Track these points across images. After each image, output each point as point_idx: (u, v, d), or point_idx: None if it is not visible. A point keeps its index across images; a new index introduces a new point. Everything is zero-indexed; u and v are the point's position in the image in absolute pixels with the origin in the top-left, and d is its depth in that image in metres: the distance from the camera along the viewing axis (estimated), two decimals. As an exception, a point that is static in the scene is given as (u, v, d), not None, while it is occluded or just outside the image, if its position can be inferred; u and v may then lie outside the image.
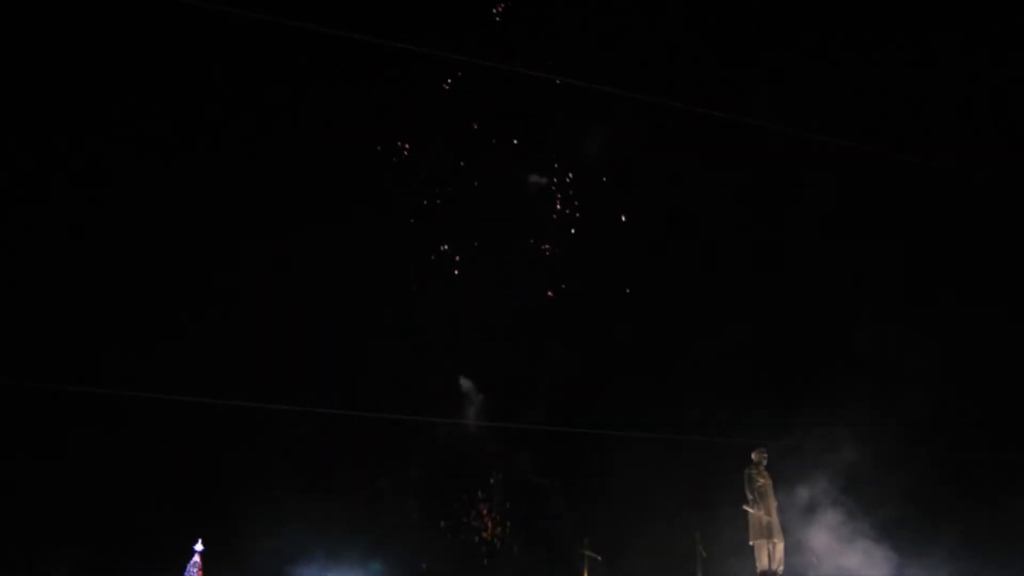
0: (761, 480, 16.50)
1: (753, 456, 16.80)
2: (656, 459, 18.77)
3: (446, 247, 20.80)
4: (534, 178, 20.39)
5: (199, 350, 19.20)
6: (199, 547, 16.37)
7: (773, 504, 16.32)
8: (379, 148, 20.40)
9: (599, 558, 18.00)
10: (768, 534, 16.08)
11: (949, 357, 19.27)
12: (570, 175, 20.88)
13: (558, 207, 21.20)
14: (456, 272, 21.11)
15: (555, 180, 20.75)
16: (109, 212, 19.42)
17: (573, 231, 21.20)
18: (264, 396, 17.48)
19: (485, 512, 19.89)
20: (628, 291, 21.64)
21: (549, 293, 21.45)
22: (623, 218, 21.15)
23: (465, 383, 20.08)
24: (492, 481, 20.39)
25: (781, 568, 16.05)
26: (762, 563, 16.12)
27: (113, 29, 18.09)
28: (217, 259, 19.91)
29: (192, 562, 16.23)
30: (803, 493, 17.38)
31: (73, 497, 17.98)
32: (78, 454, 18.53)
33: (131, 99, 19.45)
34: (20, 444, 18.09)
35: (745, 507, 16.43)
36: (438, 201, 20.59)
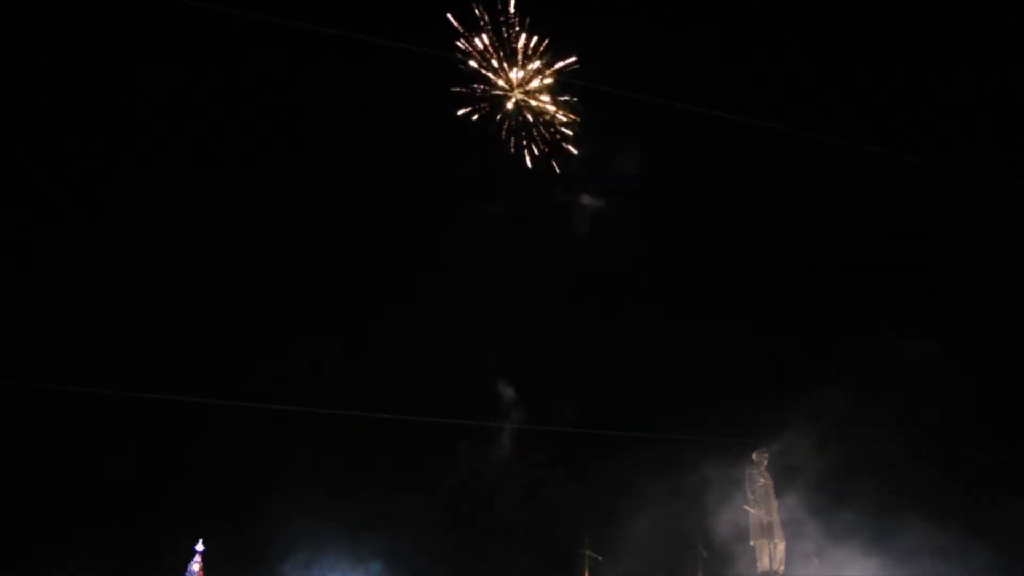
0: (762, 480, 16.61)
1: (754, 457, 16.92)
2: (657, 459, 18.73)
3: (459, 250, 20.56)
4: (587, 199, 20.12)
5: (202, 349, 19.20)
6: (200, 547, 16.34)
7: (774, 504, 16.41)
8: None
9: (600, 558, 17.98)
10: (769, 534, 16.16)
11: (950, 357, 19.26)
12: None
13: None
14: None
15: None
16: (110, 211, 19.41)
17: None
18: (265, 396, 17.46)
19: None
20: (625, 292, 21.61)
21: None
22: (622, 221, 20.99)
23: (507, 389, 19.96)
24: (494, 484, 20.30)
25: (782, 568, 16.11)
26: (763, 563, 16.19)
27: (123, 33, 18.07)
28: (218, 258, 19.88)
29: (193, 561, 16.20)
30: (802, 493, 17.41)
31: (74, 497, 17.95)
32: (78, 454, 18.51)
33: (130, 99, 19.44)
34: (20, 444, 18.07)
35: (746, 507, 16.52)
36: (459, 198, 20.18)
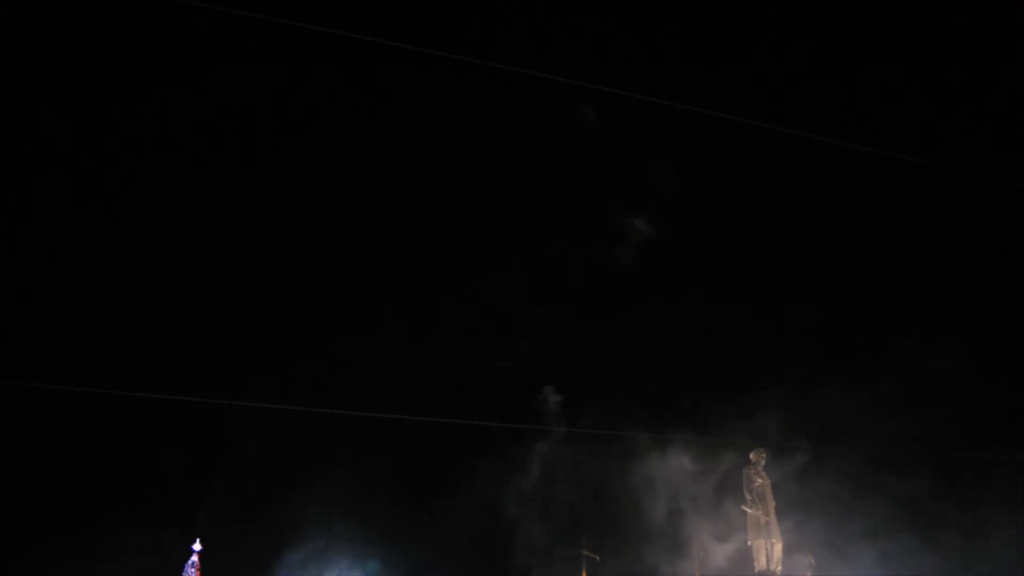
0: (759, 480, 16.68)
1: (751, 456, 16.99)
2: (653, 458, 18.76)
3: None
4: (639, 223, 20.06)
5: (202, 347, 19.17)
6: (197, 546, 16.34)
7: (771, 504, 16.47)
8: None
9: (597, 558, 17.99)
10: (766, 534, 16.22)
11: (951, 357, 19.28)
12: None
13: None
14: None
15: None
16: (110, 210, 19.39)
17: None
18: (264, 395, 17.47)
19: None
20: (622, 290, 21.59)
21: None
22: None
23: (553, 396, 19.89)
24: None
25: (779, 568, 16.15)
26: (760, 563, 16.25)
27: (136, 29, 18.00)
28: (218, 255, 19.86)
29: (190, 562, 16.19)
30: (801, 494, 17.44)
31: (71, 497, 17.98)
32: (76, 453, 18.54)
33: (128, 96, 19.42)
34: (17, 443, 18.10)
35: (743, 507, 16.59)
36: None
